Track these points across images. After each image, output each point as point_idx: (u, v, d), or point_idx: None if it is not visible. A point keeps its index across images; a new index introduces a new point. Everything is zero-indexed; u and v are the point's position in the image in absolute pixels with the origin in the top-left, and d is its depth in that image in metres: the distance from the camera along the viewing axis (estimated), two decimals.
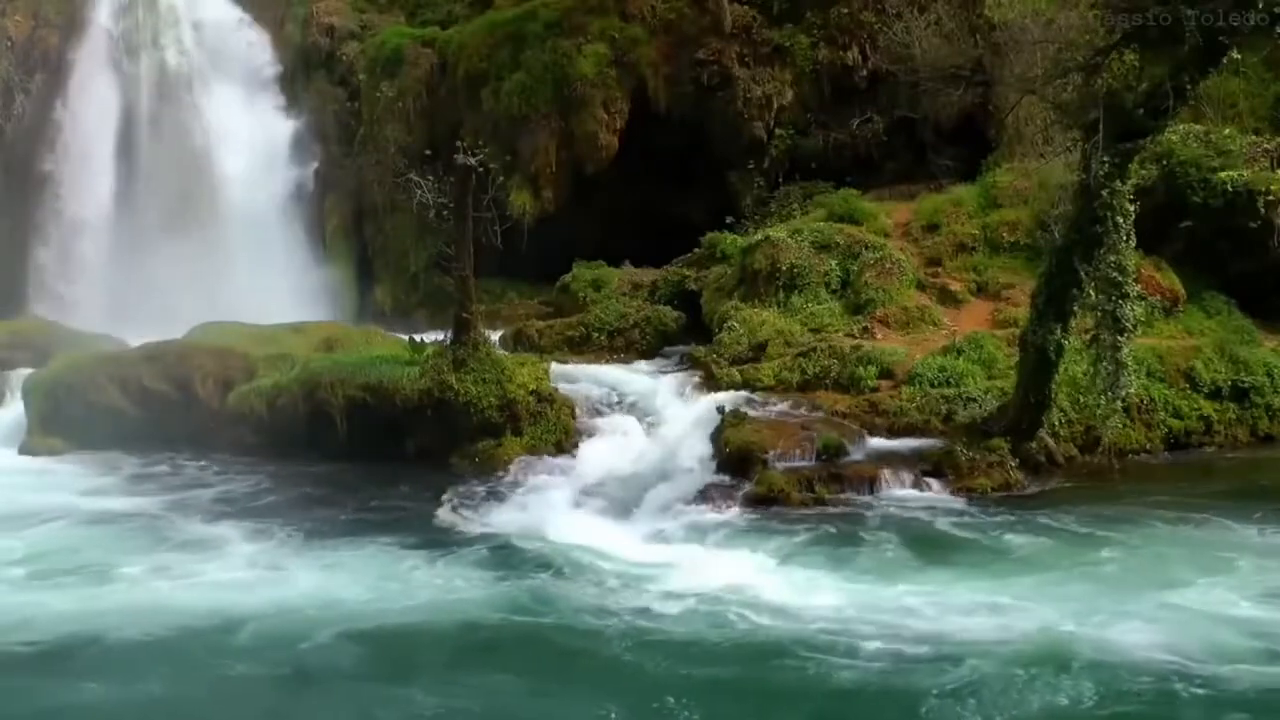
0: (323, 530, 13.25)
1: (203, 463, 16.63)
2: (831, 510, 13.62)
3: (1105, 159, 13.20)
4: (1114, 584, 11.04)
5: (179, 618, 10.48)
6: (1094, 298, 13.91)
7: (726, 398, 16.47)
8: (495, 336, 19.06)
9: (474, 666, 9.69)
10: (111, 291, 25.53)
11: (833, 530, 12.95)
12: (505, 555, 12.36)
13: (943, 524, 13.10)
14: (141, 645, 10.02)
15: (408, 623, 10.46)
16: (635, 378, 18.40)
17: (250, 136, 27.43)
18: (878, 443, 15.48)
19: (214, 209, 26.76)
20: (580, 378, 18.33)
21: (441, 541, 12.89)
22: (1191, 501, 13.57)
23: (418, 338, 18.23)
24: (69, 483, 15.74)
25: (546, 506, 13.96)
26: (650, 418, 16.76)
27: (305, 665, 9.64)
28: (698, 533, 12.98)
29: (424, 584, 11.53)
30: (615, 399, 17.44)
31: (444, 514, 13.95)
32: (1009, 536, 12.54)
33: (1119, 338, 13.75)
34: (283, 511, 14.11)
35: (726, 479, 14.37)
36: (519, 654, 9.95)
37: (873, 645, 9.67)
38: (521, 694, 9.22)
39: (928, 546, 12.33)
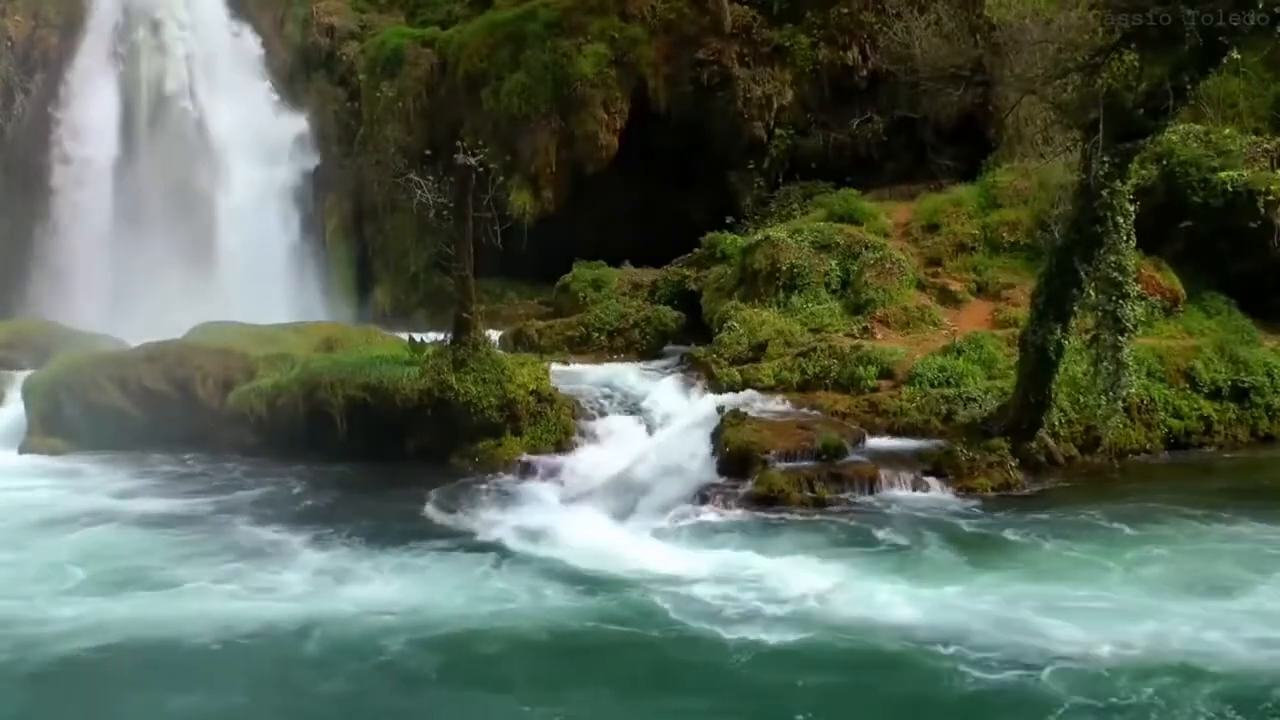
0: (370, 535, 13.06)
1: (212, 464, 16.55)
2: (833, 511, 13.60)
3: (1105, 159, 13.20)
4: (1158, 585, 10.95)
5: (251, 625, 10.31)
6: (1094, 298, 13.92)
7: (726, 398, 16.47)
8: (495, 336, 19.07)
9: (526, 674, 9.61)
10: (111, 291, 25.52)
11: (840, 531, 12.90)
12: (507, 557, 12.33)
13: (954, 524, 13.02)
14: (218, 653, 9.83)
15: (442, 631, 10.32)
16: (635, 378, 18.40)
17: (250, 136, 27.41)
18: (878, 443, 15.48)
19: (213, 209, 26.76)
20: (580, 378, 18.34)
21: (442, 543, 12.87)
22: (1197, 500, 13.56)
23: (418, 338, 18.23)
24: (98, 484, 15.59)
25: (547, 507, 13.97)
26: (650, 418, 16.76)
27: (385, 672, 9.46)
28: (701, 533, 12.97)
29: (443, 588, 11.47)
30: (615, 399, 17.43)
31: (445, 515, 13.92)
32: (1031, 536, 12.47)
33: (1119, 338, 13.76)
34: (324, 515, 13.99)
35: (726, 479, 14.36)
36: (604, 662, 9.78)
37: (971, 652, 9.46)
38: (596, 702, 9.08)
39: (955, 547, 12.24)
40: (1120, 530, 12.63)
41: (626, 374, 18.68)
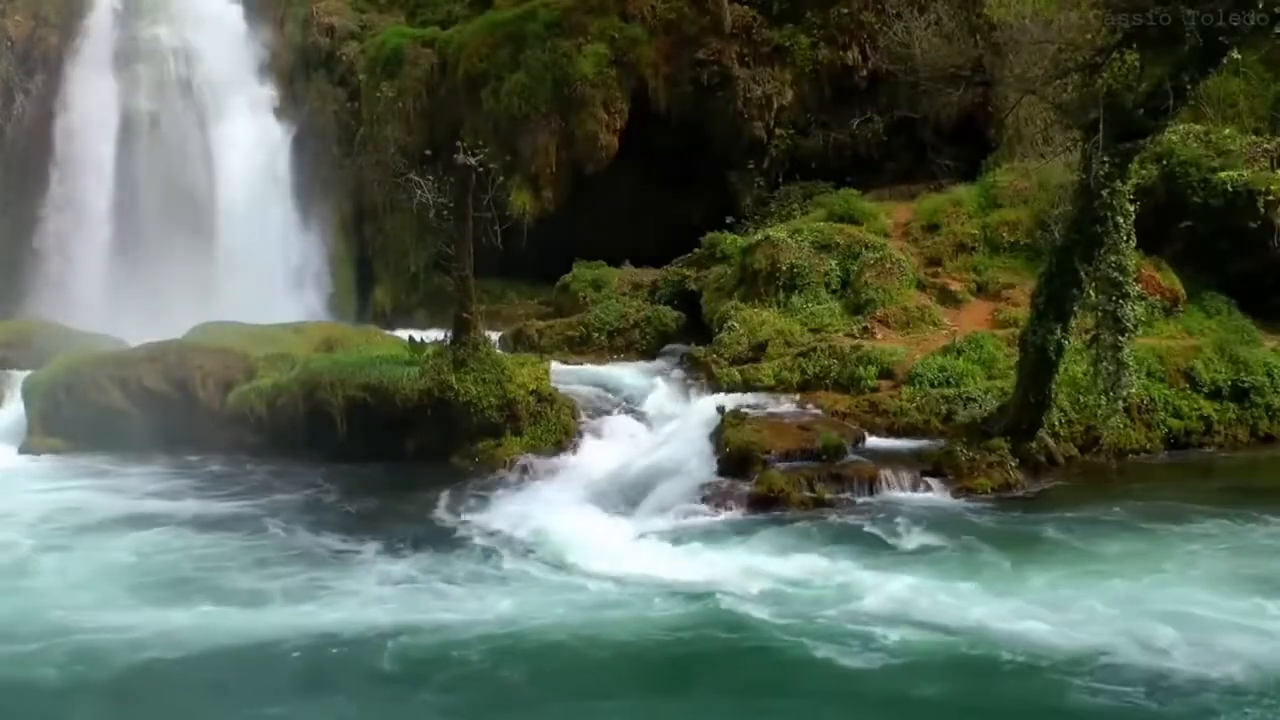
0: (416, 540, 12.94)
1: (228, 465, 16.50)
2: (835, 511, 13.61)
3: (1105, 159, 13.20)
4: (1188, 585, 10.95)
5: (331, 633, 10.16)
6: (1094, 298, 13.91)
7: (726, 398, 16.48)
8: (495, 336, 19.06)
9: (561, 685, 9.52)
10: (111, 291, 25.51)
11: (847, 532, 12.89)
12: (507, 559, 12.33)
13: (964, 524, 13.03)
14: (302, 663, 9.67)
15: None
16: (635, 378, 18.41)
17: (250, 136, 27.40)
18: (878, 443, 15.49)
19: (213, 209, 26.73)
20: (580, 378, 18.34)
21: (444, 544, 12.90)
22: (1202, 499, 13.59)
23: (418, 338, 18.23)
24: (123, 485, 15.53)
25: (547, 507, 13.96)
26: (650, 418, 16.76)
27: (478, 683, 9.37)
28: (704, 533, 12.95)
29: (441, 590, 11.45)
30: (615, 399, 17.44)
31: (453, 516, 13.93)
32: (1052, 535, 12.51)
33: (1119, 338, 13.75)
34: (358, 519, 13.93)
35: (726, 479, 14.35)
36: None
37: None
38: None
39: (978, 547, 12.22)
40: (1136, 528, 12.63)
41: (627, 374, 18.68)
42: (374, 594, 11.25)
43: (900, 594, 10.84)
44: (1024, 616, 10.19)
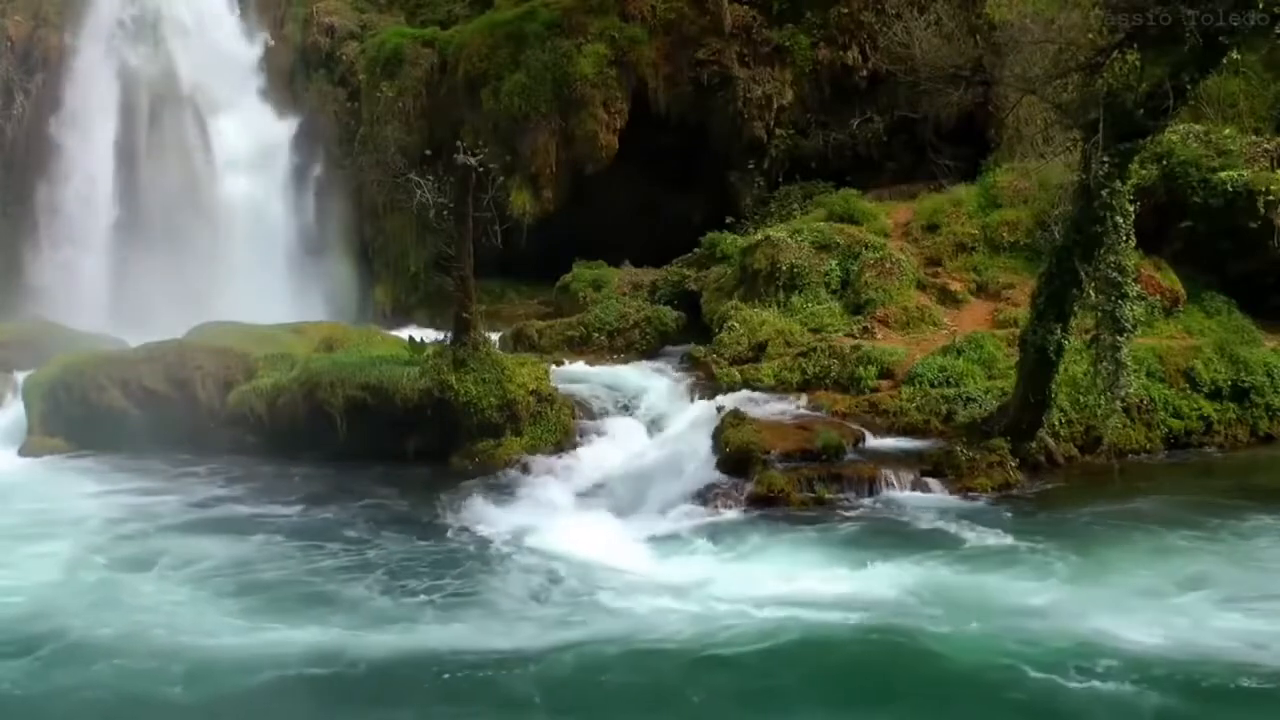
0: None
1: (249, 467, 16.29)
2: (835, 511, 13.59)
3: (1105, 159, 13.20)
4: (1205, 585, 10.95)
5: (446, 648, 9.95)
6: (1094, 298, 13.91)
7: (726, 398, 16.48)
8: (495, 336, 19.05)
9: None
10: (111, 291, 25.52)
11: (847, 532, 12.87)
12: (509, 558, 12.34)
13: (964, 524, 12.96)
14: (405, 680, 9.42)
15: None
16: (635, 378, 18.39)
17: (250, 136, 27.41)
18: (878, 443, 15.48)
19: (213, 209, 26.75)
20: (580, 378, 18.33)
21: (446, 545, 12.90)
22: (1206, 499, 13.63)
23: (418, 338, 18.23)
24: (152, 487, 15.35)
25: (547, 508, 13.96)
26: (650, 418, 16.75)
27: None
28: (704, 533, 12.94)
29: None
30: (615, 399, 17.43)
31: (445, 516, 13.93)
32: (1052, 535, 12.45)
33: (1119, 338, 13.75)
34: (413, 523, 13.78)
35: (727, 479, 14.35)
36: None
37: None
38: None
39: (978, 547, 12.22)
40: (1136, 528, 12.65)
41: (626, 374, 18.67)
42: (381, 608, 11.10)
43: (901, 594, 10.84)
44: (1024, 616, 10.20)
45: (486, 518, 13.73)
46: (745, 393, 16.74)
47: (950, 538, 12.60)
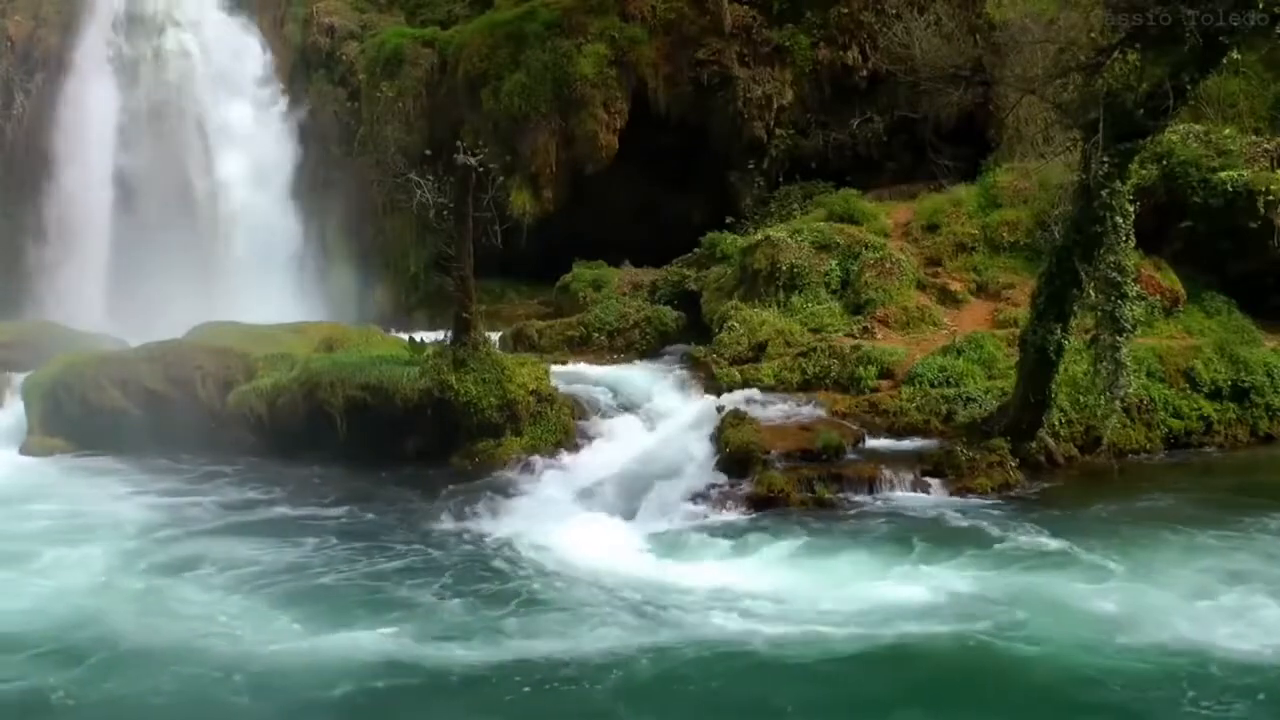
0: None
1: (255, 467, 16.24)
2: (835, 511, 13.56)
3: (1105, 159, 13.20)
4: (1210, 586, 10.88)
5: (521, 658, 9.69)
6: (1094, 298, 13.92)
7: (726, 398, 16.48)
8: (495, 336, 19.05)
9: None
10: (111, 291, 25.52)
11: (847, 532, 12.80)
12: (512, 559, 12.31)
13: (963, 524, 12.94)
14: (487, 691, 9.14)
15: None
16: (635, 378, 18.39)
17: (250, 136, 27.42)
18: (878, 443, 15.48)
19: (213, 209, 26.77)
20: (580, 378, 18.33)
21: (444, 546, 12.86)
22: (1206, 499, 13.57)
23: (418, 338, 18.23)
24: (209, 488, 15.21)
25: (547, 508, 13.95)
26: (650, 418, 16.75)
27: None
28: (704, 534, 12.91)
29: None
30: (615, 399, 17.42)
31: (447, 517, 13.91)
32: (1052, 535, 12.37)
33: (1119, 338, 13.76)
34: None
35: (726, 479, 14.35)
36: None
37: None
38: None
39: (978, 547, 12.11)
40: (1136, 528, 12.57)
41: (626, 374, 18.66)
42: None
43: (901, 594, 10.81)
44: (1104, 623, 10.09)
45: (486, 520, 13.65)
46: (745, 393, 16.73)
47: (978, 537, 12.40)
